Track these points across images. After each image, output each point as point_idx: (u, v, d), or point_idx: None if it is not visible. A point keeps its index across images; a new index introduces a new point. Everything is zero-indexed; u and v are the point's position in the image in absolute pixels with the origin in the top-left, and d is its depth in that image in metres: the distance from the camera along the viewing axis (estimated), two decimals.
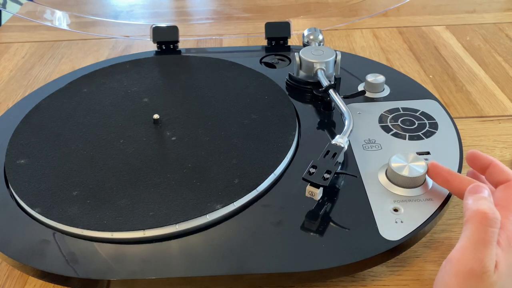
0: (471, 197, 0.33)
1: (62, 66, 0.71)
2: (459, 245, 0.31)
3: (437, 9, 0.85)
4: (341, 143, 0.40)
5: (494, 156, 0.49)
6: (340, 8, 0.72)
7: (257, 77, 0.54)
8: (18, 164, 0.43)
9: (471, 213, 0.31)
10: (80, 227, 0.36)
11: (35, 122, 0.48)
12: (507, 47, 0.72)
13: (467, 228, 0.31)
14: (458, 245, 0.31)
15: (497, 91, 0.61)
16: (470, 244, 0.30)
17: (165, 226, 0.36)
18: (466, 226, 0.31)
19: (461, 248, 0.30)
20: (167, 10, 0.88)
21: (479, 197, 0.32)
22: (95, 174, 0.41)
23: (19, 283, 0.39)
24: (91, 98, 0.52)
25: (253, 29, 0.72)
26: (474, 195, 0.33)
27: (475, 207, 0.31)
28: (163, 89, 0.54)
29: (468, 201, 0.33)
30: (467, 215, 0.32)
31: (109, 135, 0.46)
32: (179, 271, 0.34)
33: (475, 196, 0.33)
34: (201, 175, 0.41)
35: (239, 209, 0.38)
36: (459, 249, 0.31)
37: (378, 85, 0.51)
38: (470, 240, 0.30)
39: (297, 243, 0.35)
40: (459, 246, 0.31)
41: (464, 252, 0.30)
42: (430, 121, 0.47)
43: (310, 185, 0.37)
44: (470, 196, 0.33)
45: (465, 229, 0.31)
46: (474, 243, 0.30)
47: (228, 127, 0.46)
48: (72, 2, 0.78)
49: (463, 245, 0.30)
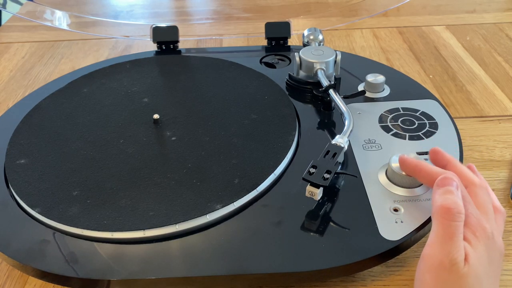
0: (438, 190, 0.33)
1: (62, 66, 0.71)
2: (429, 241, 0.31)
3: (437, 9, 0.85)
4: (341, 143, 0.40)
5: (493, 156, 0.50)
6: (340, 8, 0.72)
7: (257, 77, 0.54)
8: (18, 164, 0.43)
9: (436, 208, 0.32)
10: (80, 227, 0.36)
11: (35, 122, 0.48)
12: (507, 47, 0.72)
13: (434, 223, 0.32)
14: (428, 241, 0.31)
15: (497, 91, 0.61)
16: (437, 238, 0.31)
17: (165, 226, 0.36)
18: (433, 221, 0.32)
19: (430, 244, 0.31)
20: (167, 10, 0.88)
21: (445, 190, 0.33)
22: (95, 174, 0.41)
23: (19, 283, 0.39)
24: (91, 98, 0.52)
25: (253, 29, 0.72)
26: (441, 188, 0.33)
27: (440, 202, 0.32)
28: (163, 89, 0.54)
29: (435, 195, 0.33)
30: (433, 210, 0.32)
31: (109, 135, 0.46)
32: (179, 271, 0.34)
33: (442, 189, 0.33)
34: (201, 175, 0.41)
35: (239, 209, 0.38)
36: (428, 244, 0.31)
37: (378, 85, 0.51)
38: (437, 235, 0.31)
39: (297, 243, 0.35)
40: (428, 242, 0.31)
41: (433, 247, 0.31)
42: (430, 121, 0.47)
43: (310, 185, 0.37)
44: (437, 189, 0.33)
45: (433, 224, 0.32)
46: (440, 237, 0.31)
47: (228, 127, 0.46)
48: (72, 2, 0.78)
49: (432, 241, 0.31)
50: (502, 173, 0.48)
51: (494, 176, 0.47)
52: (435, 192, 0.33)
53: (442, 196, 0.32)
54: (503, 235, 0.41)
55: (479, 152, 0.50)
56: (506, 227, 0.42)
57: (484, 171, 0.48)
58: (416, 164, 0.37)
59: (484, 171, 0.48)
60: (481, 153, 0.50)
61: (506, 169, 0.48)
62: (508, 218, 0.43)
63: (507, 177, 0.47)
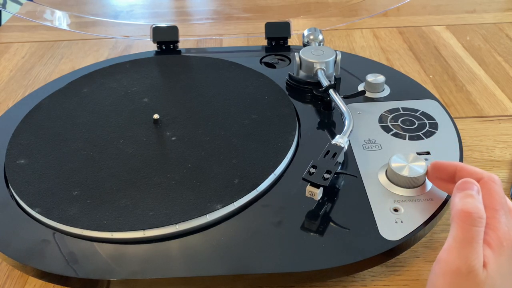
0: (458, 194, 0.32)
1: (62, 66, 0.71)
2: (446, 245, 0.30)
3: (437, 9, 0.85)
4: (341, 143, 0.40)
5: (493, 156, 0.50)
6: (340, 8, 0.72)
7: (257, 77, 0.54)
8: (18, 164, 0.43)
9: (455, 212, 0.31)
10: (80, 227, 0.36)
11: (35, 122, 0.48)
12: (507, 47, 0.72)
13: (452, 227, 0.31)
14: (445, 245, 0.31)
15: (497, 91, 0.61)
16: (456, 243, 0.30)
17: (165, 226, 0.36)
18: (452, 225, 0.31)
19: (447, 248, 0.30)
20: (167, 10, 0.88)
21: (466, 194, 0.32)
22: (95, 174, 0.41)
23: (19, 283, 0.39)
24: (91, 98, 0.52)
25: (253, 29, 0.72)
26: (461, 192, 0.32)
27: (460, 206, 0.31)
28: (163, 89, 0.54)
29: (455, 199, 0.32)
30: (452, 213, 0.31)
31: (109, 135, 0.46)
32: (179, 271, 0.34)
33: (462, 193, 0.32)
34: (201, 175, 0.41)
35: (239, 209, 0.38)
36: (445, 249, 0.30)
37: (378, 85, 0.51)
38: (455, 240, 0.30)
39: (297, 243, 0.35)
40: (446, 246, 0.30)
41: (450, 251, 0.30)
42: (430, 121, 0.47)
43: (310, 185, 0.37)
44: (458, 193, 0.32)
45: (451, 229, 0.31)
46: (459, 242, 0.30)
47: (228, 127, 0.46)
48: (72, 2, 0.78)
49: (449, 245, 0.30)
50: (502, 173, 0.48)
51: None
52: (455, 195, 0.32)
53: (462, 200, 0.31)
54: None
55: (479, 152, 0.50)
56: None
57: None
58: (455, 165, 0.36)
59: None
60: (481, 153, 0.50)
61: (506, 169, 0.48)
62: None
63: (507, 177, 0.47)
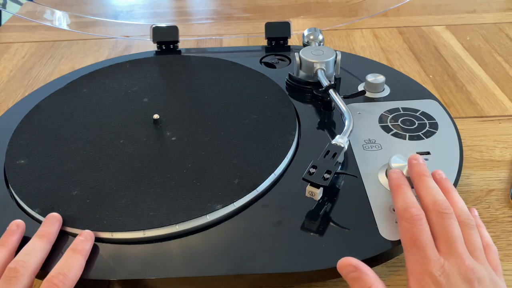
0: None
1: (62, 66, 0.71)
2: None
3: (437, 9, 0.85)
4: (341, 143, 0.40)
5: (493, 156, 0.50)
6: (340, 8, 0.72)
7: (257, 77, 0.54)
8: (18, 164, 0.43)
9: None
10: (80, 227, 0.36)
11: (35, 122, 0.48)
12: (507, 47, 0.72)
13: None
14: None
15: (497, 91, 0.61)
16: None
17: (165, 226, 0.36)
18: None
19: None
20: (167, 10, 0.88)
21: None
22: (95, 174, 0.41)
23: None
24: (91, 98, 0.52)
25: (253, 29, 0.72)
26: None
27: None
28: (163, 89, 0.54)
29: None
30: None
31: (109, 135, 0.46)
32: (179, 271, 0.34)
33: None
34: (201, 175, 0.41)
35: (239, 209, 0.38)
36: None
37: (378, 85, 0.51)
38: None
39: (297, 243, 0.35)
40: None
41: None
42: (430, 121, 0.47)
43: (310, 185, 0.37)
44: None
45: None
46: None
47: (228, 127, 0.46)
48: (72, 2, 0.78)
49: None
50: (502, 173, 0.48)
51: (494, 176, 0.47)
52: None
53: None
54: (503, 236, 0.41)
55: (479, 152, 0.50)
56: (505, 227, 0.42)
57: (484, 171, 0.48)
58: (396, 184, 0.36)
59: (484, 171, 0.48)
60: (481, 153, 0.50)
61: (506, 169, 0.48)
62: (508, 218, 0.43)
63: (507, 177, 0.47)
